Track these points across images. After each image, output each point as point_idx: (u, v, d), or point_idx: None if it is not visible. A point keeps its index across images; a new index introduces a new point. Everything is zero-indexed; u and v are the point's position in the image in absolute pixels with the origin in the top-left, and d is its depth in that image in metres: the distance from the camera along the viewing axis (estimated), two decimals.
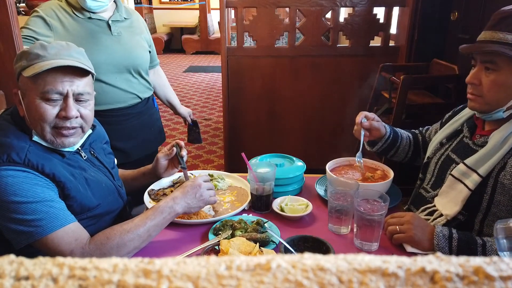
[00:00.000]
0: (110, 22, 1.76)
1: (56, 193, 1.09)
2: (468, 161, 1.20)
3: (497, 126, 1.19)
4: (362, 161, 1.52)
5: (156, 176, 1.49)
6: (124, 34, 1.79)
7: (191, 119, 2.28)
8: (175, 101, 2.24)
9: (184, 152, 1.44)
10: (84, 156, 1.24)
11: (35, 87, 1.08)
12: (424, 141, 1.57)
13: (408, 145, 1.55)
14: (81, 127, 1.17)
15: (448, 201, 1.23)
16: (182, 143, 1.45)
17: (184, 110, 2.26)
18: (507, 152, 1.14)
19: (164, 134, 2.20)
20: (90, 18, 1.74)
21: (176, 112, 2.26)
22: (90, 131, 1.28)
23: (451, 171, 1.25)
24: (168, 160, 1.47)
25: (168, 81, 2.25)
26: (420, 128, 1.62)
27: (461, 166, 1.21)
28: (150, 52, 1.95)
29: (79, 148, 1.23)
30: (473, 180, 1.17)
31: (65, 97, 1.10)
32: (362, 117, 1.45)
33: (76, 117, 1.12)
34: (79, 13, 1.73)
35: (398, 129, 1.56)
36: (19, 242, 1.04)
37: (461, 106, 1.43)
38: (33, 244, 1.05)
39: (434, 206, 1.28)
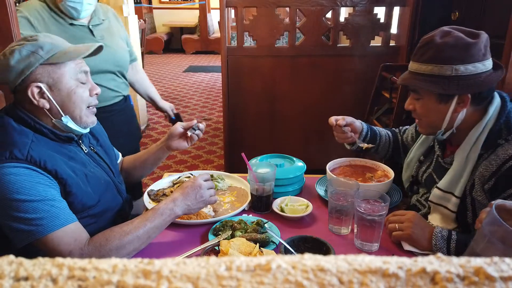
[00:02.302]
0: (90, 27, 1.79)
1: (58, 192, 1.09)
2: (441, 184, 1.23)
3: (460, 142, 1.21)
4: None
5: (167, 146, 1.48)
6: (106, 37, 1.83)
7: (173, 113, 2.20)
8: (156, 96, 2.19)
9: (201, 125, 1.47)
10: (85, 150, 1.25)
11: (66, 71, 1.13)
12: (402, 141, 1.58)
13: (388, 143, 1.56)
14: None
15: (441, 221, 1.25)
16: (204, 123, 1.50)
17: (165, 104, 2.20)
18: (472, 170, 1.16)
19: (140, 130, 2.22)
20: (71, 24, 1.76)
21: (157, 107, 2.20)
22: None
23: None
24: (184, 130, 1.47)
25: (147, 76, 2.23)
26: (400, 128, 1.63)
27: (436, 191, 1.24)
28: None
29: (80, 141, 1.24)
30: (452, 202, 1.20)
31: (86, 76, 1.19)
32: (333, 120, 1.45)
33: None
34: (60, 18, 1.75)
35: (375, 127, 1.57)
36: (20, 241, 1.04)
37: None
38: (34, 244, 1.04)
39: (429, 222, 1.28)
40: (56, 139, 1.15)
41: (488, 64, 1.13)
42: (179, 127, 1.47)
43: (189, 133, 1.44)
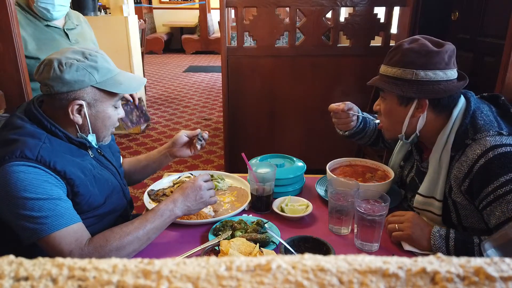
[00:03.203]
0: (66, 30, 1.83)
1: (64, 192, 1.10)
2: (422, 190, 1.26)
3: (432, 147, 1.23)
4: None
5: (170, 153, 1.52)
6: (80, 42, 1.87)
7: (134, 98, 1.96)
8: None
9: (205, 135, 1.49)
10: (92, 155, 1.26)
11: (109, 98, 1.18)
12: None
13: (373, 131, 1.60)
14: None
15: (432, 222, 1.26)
16: (207, 132, 1.51)
17: None
18: (447, 172, 1.19)
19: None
20: (47, 25, 1.79)
21: None
22: None
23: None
24: (189, 139, 1.50)
25: None
26: None
27: (418, 197, 1.27)
28: None
29: (90, 147, 1.26)
30: (435, 206, 1.23)
31: (119, 101, 1.24)
32: (334, 107, 1.52)
33: None
34: (36, 20, 1.78)
35: (366, 115, 1.60)
36: (27, 239, 1.05)
37: None
38: (37, 242, 1.05)
39: None
40: (69, 143, 1.17)
41: (450, 74, 1.17)
42: (183, 135, 1.49)
43: (198, 146, 1.48)
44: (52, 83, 1.10)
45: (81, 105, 1.13)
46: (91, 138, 1.20)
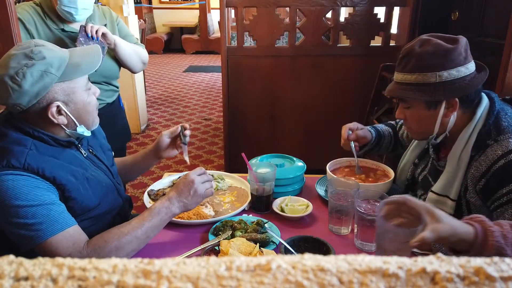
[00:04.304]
0: None
1: (56, 196, 1.09)
2: (436, 188, 1.23)
3: (452, 145, 1.22)
4: (361, 171, 1.54)
5: (156, 156, 1.47)
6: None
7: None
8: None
9: (187, 132, 1.43)
10: (84, 154, 1.24)
11: (78, 85, 1.13)
12: (398, 136, 1.60)
13: (389, 141, 1.60)
14: None
15: None
16: (187, 125, 1.45)
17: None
18: (465, 172, 1.18)
19: (130, 132, 2.20)
20: (63, 30, 1.76)
21: None
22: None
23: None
24: (171, 139, 1.45)
25: (134, 51, 2.01)
26: (397, 121, 1.64)
27: (431, 195, 1.25)
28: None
29: (79, 145, 1.23)
30: (448, 205, 1.21)
31: (88, 81, 1.19)
32: (347, 130, 1.49)
33: None
34: (53, 23, 1.75)
35: (379, 127, 1.60)
36: (23, 246, 1.04)
37: None
38: (35, 249, 1.04)
39: None
40: (56, 144, 1.14)
41: (471, 67, 1.15)
42: (165, 138, 1.43)
43: (185, 154, 1.43)
44: (18, 100, 1.03)
45: (58, 106, 1.08)
46: (81, 129, 1.17)
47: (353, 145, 1.49)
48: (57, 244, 1.03)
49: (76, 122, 1.15)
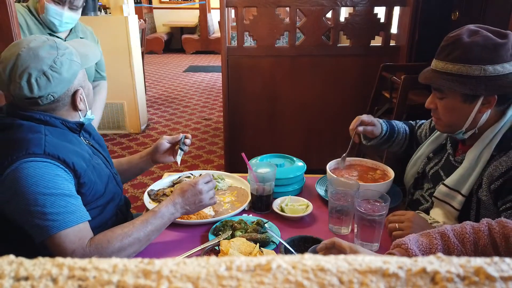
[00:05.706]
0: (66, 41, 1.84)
1: (74, 186, 1.10)
2: (449, 182, 1.21)
3: (474, 142, 1.20)
4: (344, 165, 1.55)
5: (152, 159, 1.50)
6: None
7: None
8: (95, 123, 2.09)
9: (188, 141, 1.48)
10: (85, 141, 1.27)
11: (85, 73, 1.22)
12: (416, 134, 1.58)
13: (403, 139, 1.57)
14: None
15: (443, 216, 1.24)
16: (189, 135, 1.49)
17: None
18: (482, 169, 1.15)
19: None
20: (50, 34, 1.81)
21: None
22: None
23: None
24: (171, 145, 1.48)
25: (103, 102, 2.13)
26: (417, 121, 1.63)
27: (442, 188, 1.23)
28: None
29: (82, 133, 1.28)
30: (457, 200, 1.19)
31: None
32: (358, 123, 1.47)
33: None
34: (41, 26, 1.82)
35: (395, 123, 1.57)
36: (38, 237, 1.03)
37: None
38: (45, 241, 1.03)
39: (431, 217, 1.28)
40: (65, 127, 1.18)
41: None
42: (165, 142, 1.47)
43: (179, 156, 1.46)
44: (55, 89, 1.09)
45: (81, 92, 1.18)
46: (90, 113, 1.25)
47: (352, 140, 1.48)
48: (66, 237, 1.03)
49: (88, 107, 1.23)
